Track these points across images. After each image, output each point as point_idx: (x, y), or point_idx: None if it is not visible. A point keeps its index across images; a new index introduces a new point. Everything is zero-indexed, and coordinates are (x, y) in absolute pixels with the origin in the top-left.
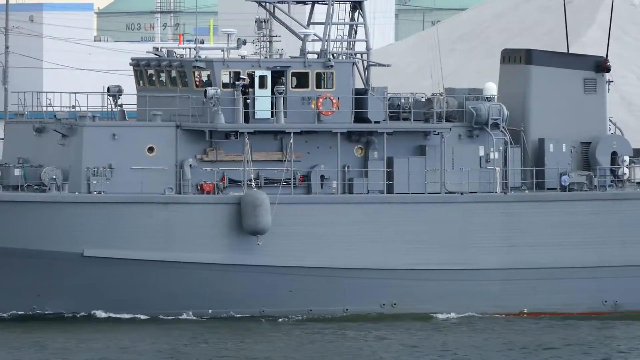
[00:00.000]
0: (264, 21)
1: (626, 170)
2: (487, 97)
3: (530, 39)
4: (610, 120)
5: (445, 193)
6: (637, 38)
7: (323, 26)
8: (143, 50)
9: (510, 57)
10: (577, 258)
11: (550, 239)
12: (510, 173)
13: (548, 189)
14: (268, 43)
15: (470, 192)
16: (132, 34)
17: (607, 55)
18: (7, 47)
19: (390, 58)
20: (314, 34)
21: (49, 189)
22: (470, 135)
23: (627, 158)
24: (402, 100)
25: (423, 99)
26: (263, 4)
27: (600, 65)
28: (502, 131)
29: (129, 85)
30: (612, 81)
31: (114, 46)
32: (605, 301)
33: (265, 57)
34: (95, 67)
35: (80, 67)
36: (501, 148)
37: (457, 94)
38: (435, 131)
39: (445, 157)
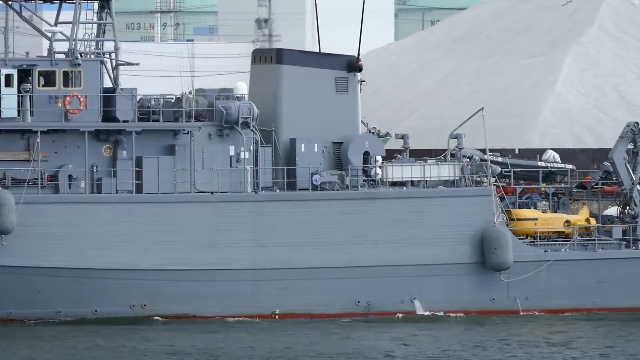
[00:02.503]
0: (264, 21)
1: (378, 170)
2: (237, 97)
3: (529, 38)
4: (363, 122)
5: (196, 193)
6: (637, 38)
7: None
8: (143, 49)
9: (261, 57)
10: (329, 258)
11: (302, 239)
12: (261, 173)
13: (300, 189)
14: (268, 42)
15: (220, 192)
16: (132, 34)
17: (359, 55)
18: (7, 47)
19: (390, 58)
20: (61, 33)
21: None
22: (220, 134)
23: (379, 158)
24: (153, 102)
25: (173, 100)
26: (10, 2)
27: (352, 65)
28: (252, 130)
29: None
30: (364, 81)
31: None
32: (358, 301)
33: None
34: None
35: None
36: (252, 147)
37: (207, 94)
38: (184, 130)
39: (195, 156)
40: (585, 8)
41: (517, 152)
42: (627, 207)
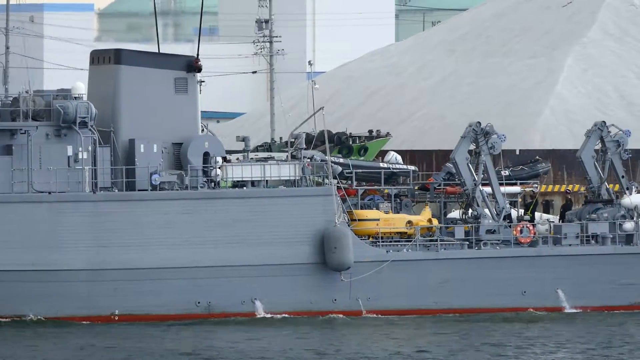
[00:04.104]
0: (265, 22)
1: (219, 171)
2: (75, 97)
3: (530, 39)
4: (202, 124)
5: (33, 192)
6: (637, 38)
7: None
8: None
9: (99, 57)
10: (169, 258)
11: (142, 239)
12: (99, 173)
13: (139, 189)
14: (268, 43)
15: (58, 192)
16: (133, 35)
17: (198, 55)
18: (7, 47)
19: (390, 58)
20: None
21: None
22: (58, 134)
23: (219, 159)
24: None
25: (10, 100)
26: None
27: (191, 65)
28: (90, 130)
29: None
30: (203, 81)
31: (114, 47)
32: (199, 302)
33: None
34: None
35: (81, 67)
36: (90, 148)
37: (45, 94)
38: (21, 130)
39: (33, 156)
40: (585, 9)
41: (517, 152)
42: (470, 208)
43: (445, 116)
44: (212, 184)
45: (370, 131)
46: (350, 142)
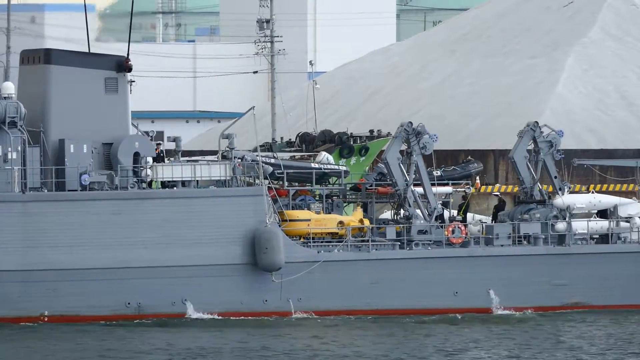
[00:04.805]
0: (266, 22)
1: (149, 172)
2: (4, 97)
3: (531, 39)
4: (133, 124)
5: None
6: (638, 39)
7: None
8: (144, 50)
9: (29, 57)
10: (99, 259)
11: (71, 240)
12: (29, 173)
13: (69, 189)
14: (269, 43)
15: None
16: (133, 35)
17: (128, 55)
18: (8, 48)
19: (392, 58)
20: None
21: None
22: None
23: (150, 159)
24: None
25: None
26: None
27: (122, 65)
28: (20, 130)
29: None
30: (133, 81)
31: (115, 47)
32: (129, 303)
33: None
34: None
35: None
36: (19, 148)
37: None
38: None
39: None
40: (586, 9)
41: None
42: (401, 208)
43: (445, 116)
44: (142, 184)
45: (371, 131)
46: (351, 142)
